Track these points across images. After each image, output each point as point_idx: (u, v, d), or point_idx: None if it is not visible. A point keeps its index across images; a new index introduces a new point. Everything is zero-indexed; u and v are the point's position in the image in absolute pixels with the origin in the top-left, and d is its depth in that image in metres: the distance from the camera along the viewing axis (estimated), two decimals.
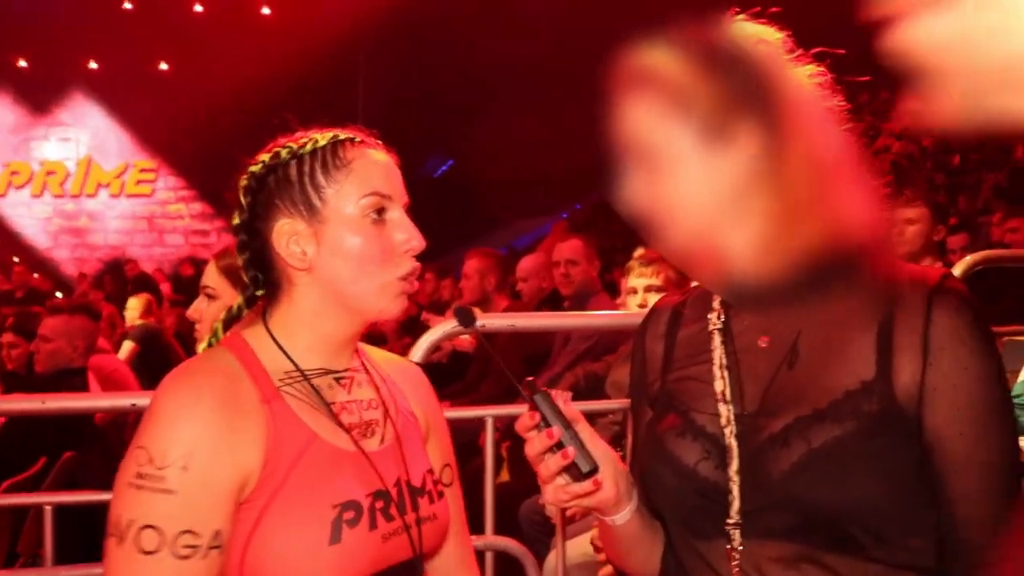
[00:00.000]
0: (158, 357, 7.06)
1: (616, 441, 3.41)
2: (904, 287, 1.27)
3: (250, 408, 1.38)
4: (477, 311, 1.86)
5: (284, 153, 1.47)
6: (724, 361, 1.35)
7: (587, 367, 4.31)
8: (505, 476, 4.23)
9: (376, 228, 1.45)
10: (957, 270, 2.95)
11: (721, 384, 1.34)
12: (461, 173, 19.26)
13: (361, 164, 1.46)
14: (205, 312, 2.37)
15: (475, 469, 4.26)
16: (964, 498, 1.24)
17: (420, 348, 2.37)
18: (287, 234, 1.45)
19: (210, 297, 2.38)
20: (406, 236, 1.47)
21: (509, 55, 16.62)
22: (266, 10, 18.21)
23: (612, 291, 5.98)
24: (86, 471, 3.88)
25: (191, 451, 1.31)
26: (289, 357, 1.46)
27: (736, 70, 1.26)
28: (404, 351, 2.28)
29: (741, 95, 1.25)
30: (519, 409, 2.47)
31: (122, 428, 4.66)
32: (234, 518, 1.35)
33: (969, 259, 3.01)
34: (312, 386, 1.47)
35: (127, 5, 18.13)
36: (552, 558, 3.07)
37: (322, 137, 1.48)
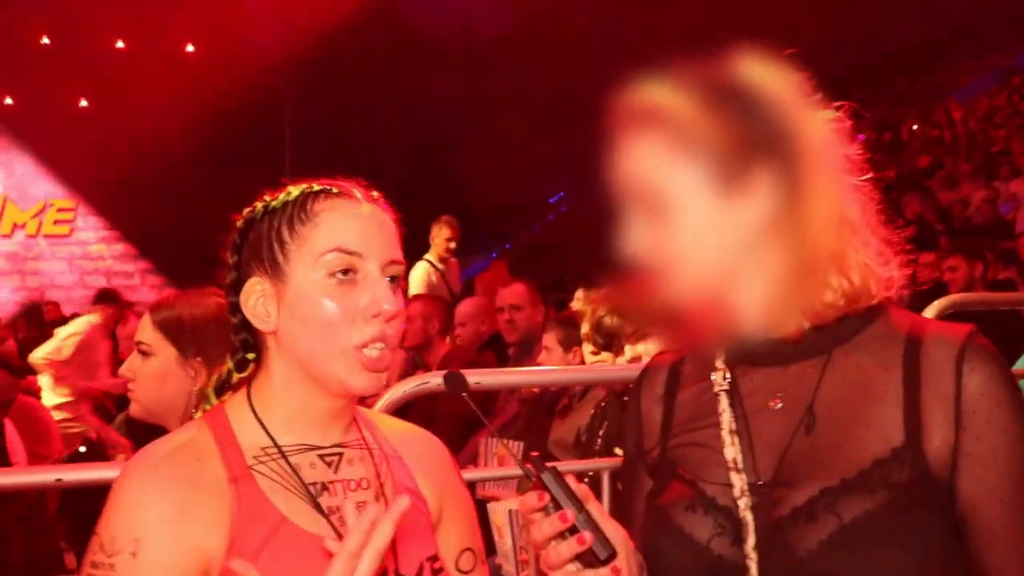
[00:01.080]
0: None
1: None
2: (928, 345, 1.19)
3: (214, 489, 1.27)
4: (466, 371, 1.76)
5: (259, 207, 1.38)
6: (733, 425, 1.25)
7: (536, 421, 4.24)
8: None
9: (341, 289, 1.31)
10: (928, 313, 2.87)
11: (732, 451, 1.23)
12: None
13: (329, 218, 1.33)
14: (139, 370, 2.17)
15: None
16: (1005, 569, 1.16)
17: (392, 399, 2.15)
18: (255, 293, 1.35)
19: (144, 354, 2.17)
20: (370, 298, 1.31)
21: (434, 91, 16.68)
22: (190, 47, 17.98)
23: None
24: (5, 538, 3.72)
25: (140, 537, 1.24)
26: (267, 431, 1.35)
27: (751, 112, 1.18)
28: None
29: (757, 139, 1.17)
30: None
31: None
32: None
33: (937, 305, 2.93)
34: (289, 464, 1.34)
35: (45, 40, 17.72)
36: None
37: (296, 188, 1.38)
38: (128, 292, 17.73)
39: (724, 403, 1.27)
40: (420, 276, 7.02)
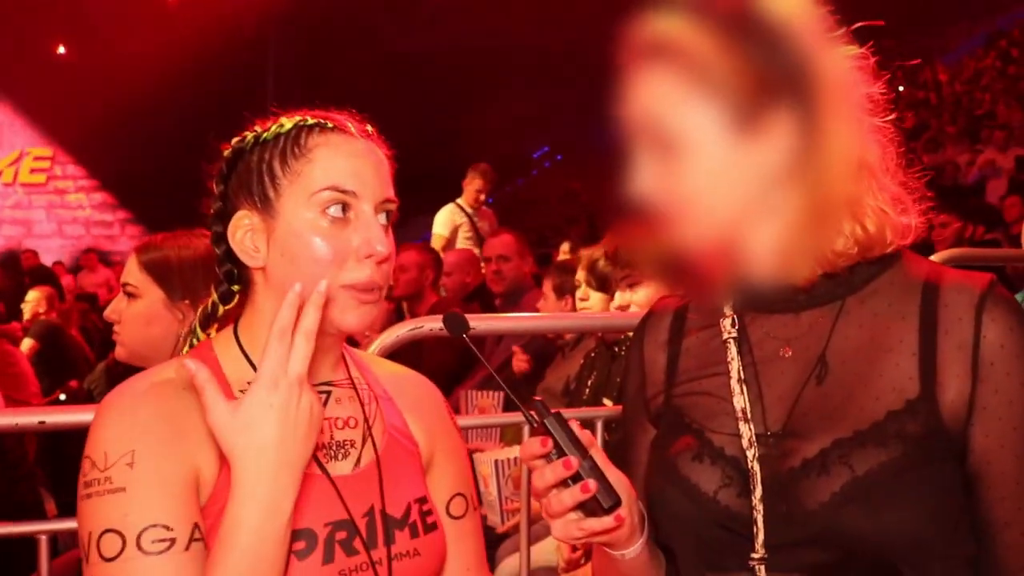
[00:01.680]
0: (60, 355, 6.74)
1: None
2: (947, 293, 1.16)
3: (202, 420, 1.23)
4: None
5: (250, 138, 1.33)
6: (742, 374, 1.21)
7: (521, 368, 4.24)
8: None
9: (333, 228, 1.27)
10: None
11: (741, 400, 1.19)
12: None
13: (324, 154, 1.29)
14: (125, 312, 2.13)
15: None
16: (1013, 523, 1.13)
17: (385, 343, 2.11)
18: (242, 227, 1.31)
19: (130, 296, 2.13)
20: (363, 239, 1.28)
21: (421, 44, 16.51)
22: None
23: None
24: None
25: (134, 449, 1.21)
26: (253, 366, 1.31)
27: (771, 47, 1.12)
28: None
29: (775, 76, 1.12)
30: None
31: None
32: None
33: (937, 258, 2.88)
34: None
35: None
36: (510, 564, 2.97)
37: (289, 120, 1.33)
38: (107, 242, 17.64)
39: (733, 351, 1.23)
40: (445, 217, 6.89)
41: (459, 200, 6.98)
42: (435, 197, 7.03)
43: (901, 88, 16.94)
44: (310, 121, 1.32)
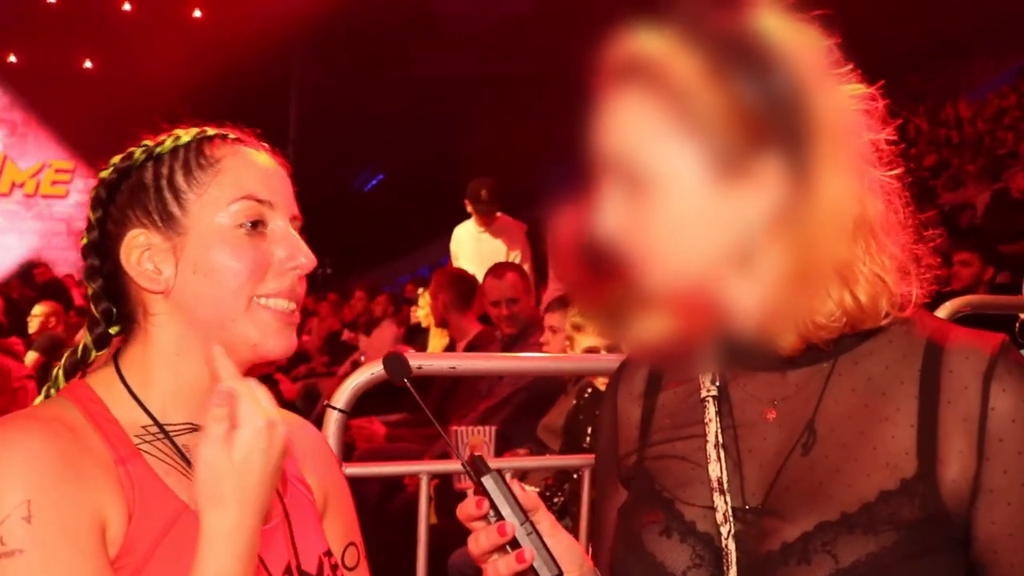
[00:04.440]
0: None
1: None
2: (953, 357, 1.02)
3: (101, 464, 1.12)
4: (411, 352, 1.65)
5: (138, 153, 1.23)
6: (720, 438, 1.08)
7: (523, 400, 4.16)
8: (432, 518, 4.08)
9: (251, 241, 1.19)
10: (940, 314, 2.68)
11: (717, 468, 1.07)
12: (391, 188, 19.12)
13: (233, 164, 1.21)
14: None
15: (400, 508, 4.07)
16: None
17: (344, 394, 2.03)
18: (139, 247, 1.20)
19: None
20: (289, 252, 1.20)
21: (448, 66, 16.58)
22: (197, 12, 17.83)
23: None
24: None
25: (31, 498, 1.04)
26: (145, 409, 1.19)
27: (764, 79, 0.98)
28: (326, 369, 2.07)
29: (767, 114, 0.97)
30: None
31: None
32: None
33: (949, 306, 2.75)
34: (176, 446, 1.20)
35: None
36: None
37: (186, 133, 1.23)
38: None
39: (711, 411, 1.10)
40: (463, 238, 6.76)
41: (468, 222, 6.85)
42: (458, 217, 6.99)
43: (924, 126, 16.87)
44: (211, 132, 1.24)
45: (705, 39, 0.99)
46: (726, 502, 1.05)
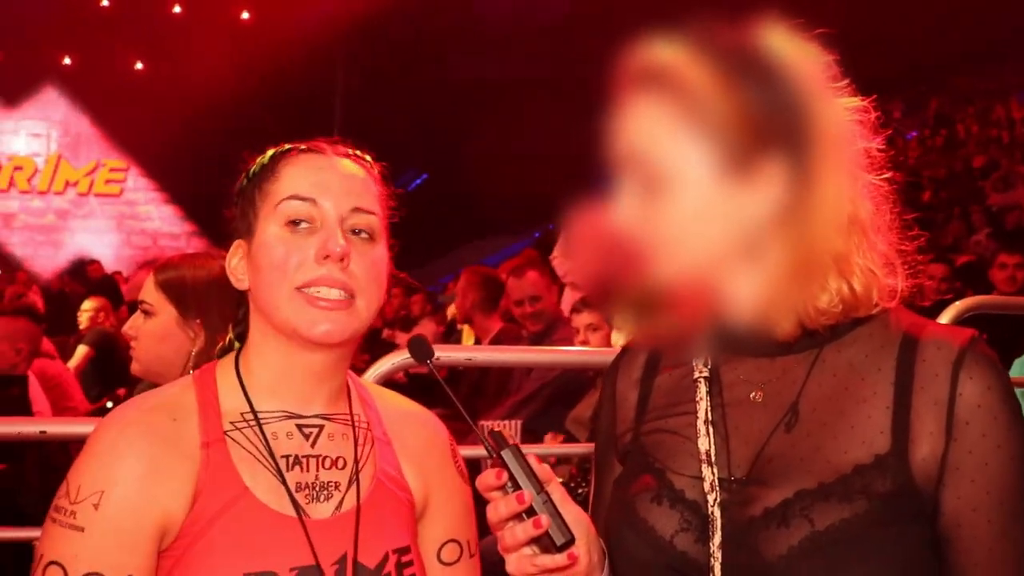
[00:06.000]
0: (115, 362, 6.70)
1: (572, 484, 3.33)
2: (926, 348, 1.12)
3: (185, 452, 1.27)
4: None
5: (245, 176, 1.39)
6: (710, 415, 1.17)
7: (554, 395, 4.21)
8: None
9: (296, 237, 1.30)
10: (947, 316, 2.78)
11: (706, 442, 1.16)
12: (435, 187, 19.25)
13: (289, 170, 1.33)
14: (142, 329, 2.17)
15: None
16: None
17: (369, 378, 2.11)
18: (236, 255, 1.36)
19: (147, 313, 2.16)
20: (323, 241, 1.28)
21: (488, 69, 16.65)
22: (245, 14, 18.07)
23: None
24: (21, 483, 3.82)
25: (105, 490, 1.23)
26: (247, 397, 1.33)
27: (770, 90, 1.09)
28: (366, 366, 2.14)
29: (772, 121, 1.08)
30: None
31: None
32: (155, 567, 1.24)
33: (960, 305, 2.82)
34: (262, 433, 1.31)
35: (104, 2, 17.93)
36: None
37: (271, 152, 1.38)
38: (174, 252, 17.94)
39: (702, 391, 1.19)
40: None
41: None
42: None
43: (973, 128, 16.61)
44: (286, 147, 1.37)
45: (717, 51, 1.10)
46: (713, 473, 1.14)
